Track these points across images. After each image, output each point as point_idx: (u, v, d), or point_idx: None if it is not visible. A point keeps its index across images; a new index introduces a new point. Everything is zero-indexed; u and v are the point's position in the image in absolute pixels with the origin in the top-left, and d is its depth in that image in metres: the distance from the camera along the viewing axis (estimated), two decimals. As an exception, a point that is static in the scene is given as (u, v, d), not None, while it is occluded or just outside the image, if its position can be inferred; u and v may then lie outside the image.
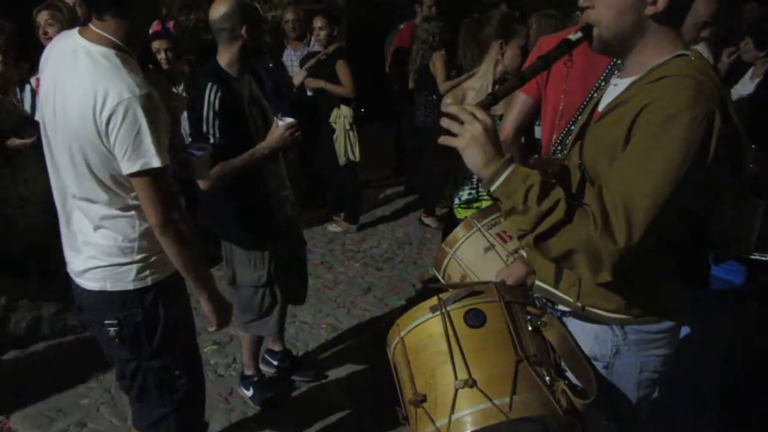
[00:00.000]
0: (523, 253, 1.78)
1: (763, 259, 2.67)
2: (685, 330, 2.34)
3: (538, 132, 2.80)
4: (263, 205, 2.61)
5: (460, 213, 2.85)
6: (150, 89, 1.69)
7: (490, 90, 2.72)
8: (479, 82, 2.77)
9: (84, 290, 1.92)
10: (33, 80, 3.36)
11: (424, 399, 1.39)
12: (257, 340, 2.96)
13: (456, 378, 1.35)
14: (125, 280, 1.88)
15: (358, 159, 4.85)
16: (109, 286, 1.88)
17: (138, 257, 1.86)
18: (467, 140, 1.28)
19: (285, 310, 3.12)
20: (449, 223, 2.97)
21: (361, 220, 5.27)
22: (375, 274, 4.40)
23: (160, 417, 2.07)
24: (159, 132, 1.69)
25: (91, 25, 1.74)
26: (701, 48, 4.35)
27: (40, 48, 3.32)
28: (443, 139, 1.32)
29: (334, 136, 4.77)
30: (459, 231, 2.29)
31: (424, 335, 1.45)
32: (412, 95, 5.12)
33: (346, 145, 4.76)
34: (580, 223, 1.23)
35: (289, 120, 2.47)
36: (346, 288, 4.18)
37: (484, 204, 2.78)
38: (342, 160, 4.82)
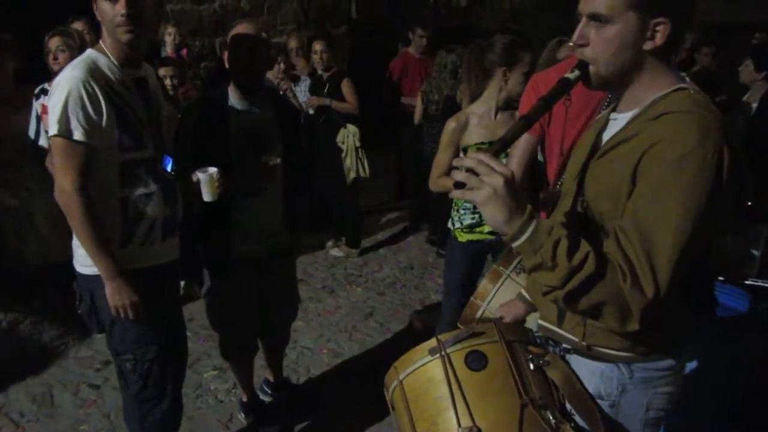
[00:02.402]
0: (524, 291, 1.74)
1: (764, 285, 2.67)
2: (691, 363, 2.34)
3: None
4: (219, 235, 2.54)
5: (462, 236, 2.85)
6: (84, 77, 1.92)
7: (493, 116, 2.74)
8: (482, 108, 2.76)
9: None
10: (38, 105, 3.39)
11: None
12: (242, 367, 2.93)
13: (459, 426, 1.29)
14: (78, 263, 2.13)
15: (368, 175, 4.87)
16: (74, 263, 2.15)
17: None
18: (487, 195, 1.16)
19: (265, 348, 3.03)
20: (450, 245, 2.97)
21: (363, 244, 5.27)
22: (377, 299, 4.39)
23: (128, 407, 2.29)
24: (72, 109, 1.90)
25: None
26: None
27: (48, 73, 3.38)
28: (459, 194, 1.20)
29: (343, 155, 4.80)
30: (487, 283, 2.26)
31: (424, 379, 1.38)
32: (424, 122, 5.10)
33: (356, 162, 4.79)
34: (609, 277, 1.18)
35: (275, 161, 2.48)
36: (347, 313, 4.16)
37: (487, 229, 2.78)
38: (351, 177, 4.83)
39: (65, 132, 1.91)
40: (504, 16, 9.34)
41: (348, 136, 4.76)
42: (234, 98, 2.49)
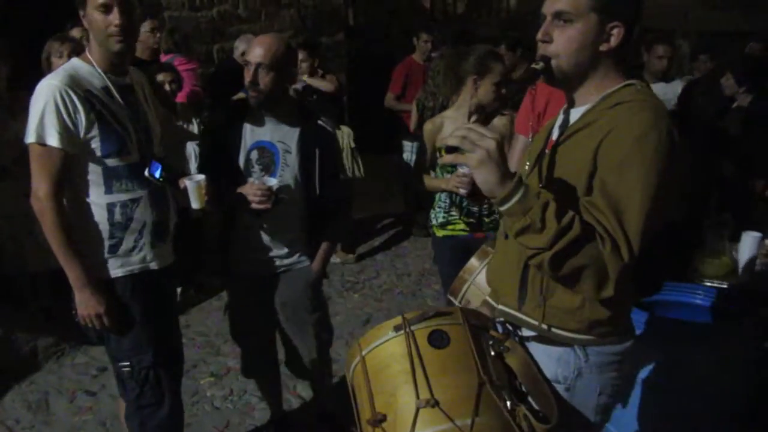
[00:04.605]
0: (488, 298, 1.77)
1: (759, 291, 2.69)
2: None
3: None
4: (220, 249, 2.53)
5: (439, 232, 3.04)
6: (62, 85, 1.94)
7: (466, 120, 2.87)
8: (456, 112, 2.94)
9: None
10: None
11: (383, 419, 1.36)
12: (262, 384, 2.92)
13: (418, 397, 1.33)
14: None
15: (363, 174, 4.89)
16: None
17: None
18: (481, 157, 1.24)
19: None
20: (432, 242, 3.21)
21: (360, 250, 5.27)
22: (374, 305, 4.38)
23: (128, 413, 2.30)
24: (49, 116, 1.92)
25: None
26: (676, 84, 4.54)
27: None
28: (453, 158, 1.28)
29: None
30: (475, 260, 2.34)
31: (386, 354, 1.42)
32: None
33: (352, 162, 4.81)
34: (593, 240, 1.27)
35: (270, 182, 2.32)
36: (344, 319, 4.15)
37: (459, 227, 2.95)
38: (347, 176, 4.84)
39: (40, 138, 1.93)
40: (501, 23, 9.39)
41: (342, 137, 4.79)
42: (253, 112, 2.39)
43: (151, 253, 2.17)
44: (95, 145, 2.01)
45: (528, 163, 1.61)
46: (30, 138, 1.95)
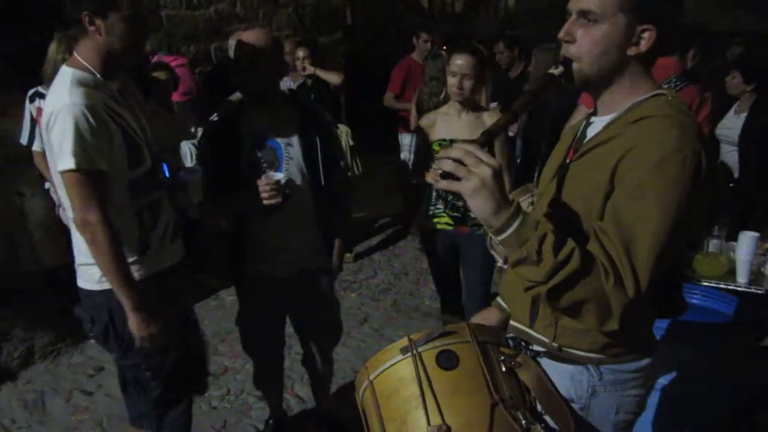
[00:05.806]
0: (500, 300, 1.74)
1: (757, 291, 2.70)
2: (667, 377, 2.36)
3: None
4: (235, 251, 2.48)
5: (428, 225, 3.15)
6: (87, 102, 1.85)
7: (458, 117, 3.01)
8: (450, 109, 3.05)
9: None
10: (33, 108, 3.37)
11: None
12: (269, 390, 2.92)
13: (429, 424, 1.26)
14: (91, 281, 2.03)
15: (361, 172, 4.89)
16: (83, 284, 2.06)
17: None
18: (475, 185, 1.14)
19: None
20: (423, 236, 3.32)
21: (358, 250, 5.27)
22: (371, 305, 4.38)
23: (141, 413, 2.25)
24: (85, 139, 1.82)
25: (74, 53, 1.97)
26: None
27: (40, 80, 3.37)
28: (445, 184, 1.17)
29: None
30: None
31: (394, 378, 1.36)
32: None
33: (351, 161, 4.81)
34: (593, 274, 1.18)
35: (277, 176, 2.30)
36: (342, 319, 4.14)
37: (443, 220, 3.07)
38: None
39: (85, 164, 1.83)
40: (498, 22, 9.40)
41: (341, 136, 4.79)
42: (249, 110, 2.36)
43: (172, 249, 2.17)
44: (123, 156, 1.94)
45: (547, 176, 1.53)
46: (68, 164, 1.82)
